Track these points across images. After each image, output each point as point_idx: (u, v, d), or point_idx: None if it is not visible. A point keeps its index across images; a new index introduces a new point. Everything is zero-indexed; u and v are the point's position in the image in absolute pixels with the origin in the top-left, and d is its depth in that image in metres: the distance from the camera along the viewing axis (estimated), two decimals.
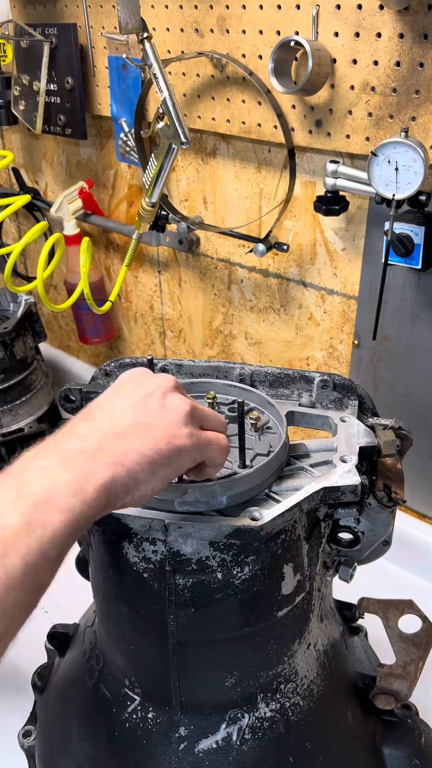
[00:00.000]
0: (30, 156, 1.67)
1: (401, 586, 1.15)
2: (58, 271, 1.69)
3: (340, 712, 0.72)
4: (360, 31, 0.90)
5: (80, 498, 0.45)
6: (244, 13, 1.02)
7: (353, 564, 0.72)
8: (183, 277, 1.42)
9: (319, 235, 1.13)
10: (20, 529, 0.42)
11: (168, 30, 1.14)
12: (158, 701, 0.67)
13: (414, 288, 1.03)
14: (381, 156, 0.87)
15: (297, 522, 0.61)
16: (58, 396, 0.77)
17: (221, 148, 1.21)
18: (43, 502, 0.44)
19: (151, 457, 0.50)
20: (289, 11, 0.97)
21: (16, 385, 1.45)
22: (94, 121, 1.42)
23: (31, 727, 0.84)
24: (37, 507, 0.44)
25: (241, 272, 1.29)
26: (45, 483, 0.45)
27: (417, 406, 1.11)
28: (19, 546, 0.42)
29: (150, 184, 1.08)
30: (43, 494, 0.44)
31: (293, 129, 1.04)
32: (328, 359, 1.23)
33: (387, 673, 0.70)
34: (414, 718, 0.76)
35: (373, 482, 0.67)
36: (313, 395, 0.74)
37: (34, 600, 0.44)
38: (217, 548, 0.58)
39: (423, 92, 0.88)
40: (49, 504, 0.44)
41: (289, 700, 0.68)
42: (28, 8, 1.40)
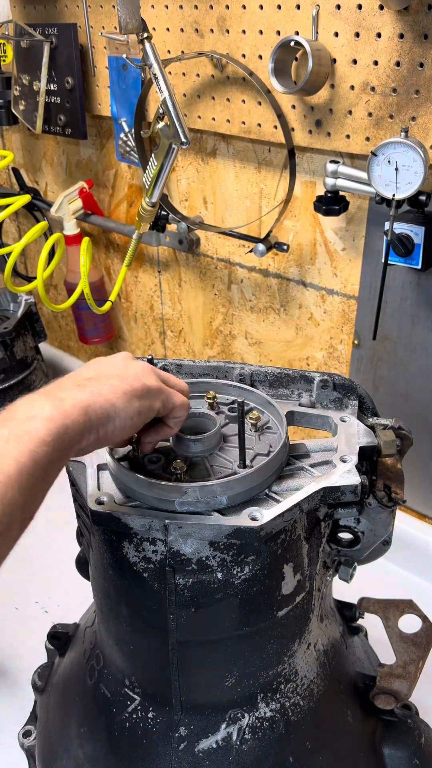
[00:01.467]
0: (30, 156, 1.67)
1: (401, 586, 1.15)
2: (58, 271, 1.69)
3: (340, 712, 0.72)
4: (360, 31, 0.90)
5: (60, 410, 0.50)
6: (244, 13, 1.02)
7: (353, 564, 0.72)
8: (183, 277, 1.42)
9: (319, 235, 1.13)
10: (11, 438, 0.47)
11: (168, 30, 1.14)
12: (158, 701, 0.67)
13: (414, 288, 1.03)
14: (381, 156, 0.87)
15: (297, 522, 0.62)
16: None
17: (221, 148, 1.21)
18: (28, 418, 0.49)
19: (126, 390, 0.56)
20: (289, 11, 0.97)
21: (16, 385, 1.45)
22: (94, 121, 1.42)
23: (31, 727, 0.84)
24: (22, 423, 0.49)
25: (241, 272, 1.29)
26: (29, 406, 0.51)
27: (417, 406, 1.11)
28: (11, 450, 0.47)
29: (150, 184, 1.08)
30: (27, 414, 0.50)
31: (293, 129, 1.04)
32: (328, 359, 1.23)
33: (387, 673, 0.70)
34: (414, 718, 0.76)
35: (373, 482, 0.67)
36: (313, 395, 0.74)
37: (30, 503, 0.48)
38: (217, 548, 0.58)
39: (423, 92, 0.88)
40: (33, 419, 0.49)
41: (289, 700, 0.68)
42: (28, 8, 1.40)
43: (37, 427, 0.48)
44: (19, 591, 1.16)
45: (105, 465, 0.66)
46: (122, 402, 0.56)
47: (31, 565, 1.22)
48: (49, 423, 0.49)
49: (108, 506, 0.60)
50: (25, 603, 1.14)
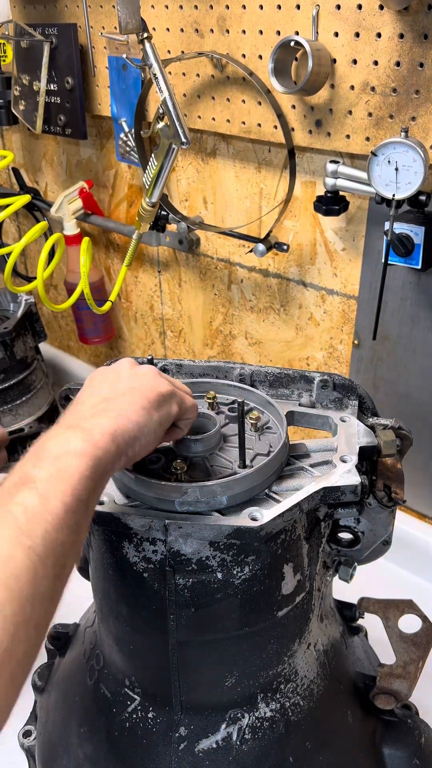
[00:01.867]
0: (30, 156, 1.67)
1: (401, 586, 1.15)
2: (58, 271, 1.69)
3: (340, 712, 0.72)
4: (360, 31, 0.90)
5: (91, 443, 0.50)
6: (244, 13, 1.02)
7: (353, 564, 0.72)
8: (183, 277, 1.42)
9: (319, 235, 1.13)
10: (50, 480, 0.47)
11: (168, 30, 1.14)
12: (158, 701, 0.67)
13: (414, 288, 1.03)
14: (381, 156, 0.87)
15: (297, 522, 0.62)
16: (58, 396, 0.77)
17: (221, 148, 1.21)
18: (62, 455, 0.49)
19: (145, 405, 0.57)
20: (289, 11, 0.97)
21: (16, 385, 1.45)
22: (94, 121, 1.42)
23: (31, 727, 0.84)
24: (57, 460, 0.49)
25: (241, 272, 1.29)
26: (58, 443, 0.51)
27: (417, 406, 1.11)
28: (55, 493, 0.46)
29: (150, 184, 1.08)
30: (60, 450, 0.50)
31: (293, 129, 1.04)
32: (328, 359, 1.23)
33: (387, 673, 0.70)
34: (414, 718, 0.76)
35: (373, 482, 0.67)
36: (313, 395, 0.74)
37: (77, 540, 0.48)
38: (217, 548, 0.58)
39: (423, 92, 0.88)
40: (68, 455, 0.49)
41: (289, 700, 0.68)
42: (28, 8, 1.40)
43: (75, 463, 0.49)
44: None
45: None
46: (144, 418, 0.56)
47: None
48: (84, 458, 0.49)
49: (108, 506, 0.60)
50: None
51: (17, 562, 0.42)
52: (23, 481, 0.47)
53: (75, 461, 0.49)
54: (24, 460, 0.50)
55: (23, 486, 0.47)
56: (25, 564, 0.42)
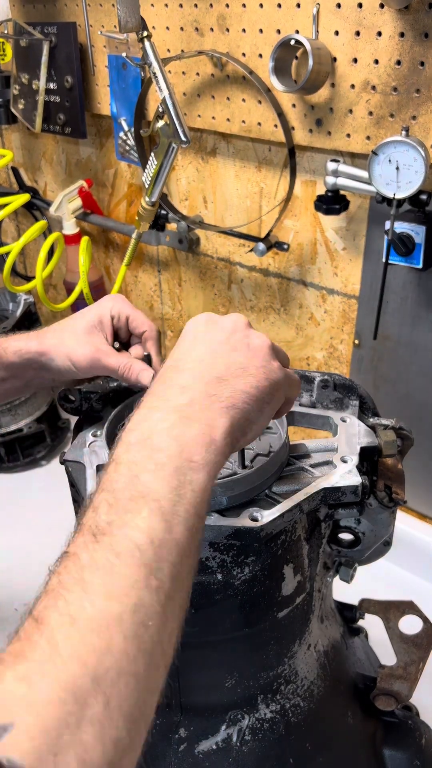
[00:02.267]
0: (29, 155, 1.66)
1: (402, 586, 1.14)
2: (57, 271, 1.68)
3: (341, 713, 0.72)
4: (360, 30, 0.90)
5: (212, 450, 0.46)
6: (244, 11, 1.02)
7: (354, 564, 0.72)
8: (183, 276, 1.41)
9: (319, 235, 1.13)
10: (172, 497, 0.42)
11: (168, 29, 1.14)
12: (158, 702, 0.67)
13: (415, 288, 1.03)
14: (382, 155, 0.87)
15: (297, 522, 0.61)
16: (58, 396, 0.77)
17: (221, 147, 1.20)
18: (182, 464, 0.44)
19: (257, 395, 0.51)
20: (289, 10, 0.96)
21: None
22: (94, 120, 1.41)
23: None
24: (178, 471, 0.43)
25: (241, 272, 1.29)
26: (176, 443, 0.45)
27: (418, 406, 1.11)
28: (179, 513, 0.42)
29: (150, 183, 1.07)
30: (179, 456, 0.44)
31: (293, 128, 1.04)
32: (329, 359, 1.23)
33: (387, 674, 0.70)
34: (414, 719, 0.75)
35: (374, 482, 0.67)
36: (314, 395, 0.74)
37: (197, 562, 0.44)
38: (217, 549, 0.58)
39: (424, 91, 0.87)
40: (190, 464, 0.44)
41: (289, 701, 0.68)
42: (28, 7, 1.39)
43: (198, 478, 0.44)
44: (18, 592, 1.16)
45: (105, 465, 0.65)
46: (255, 413, 0.51)
47: (30, 567, 1.22)
48: (206, 469, 0.45)
49: None
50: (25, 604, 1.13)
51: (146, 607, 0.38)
52: (141, 493, 0.42)
53: (198, 475, 0.44)
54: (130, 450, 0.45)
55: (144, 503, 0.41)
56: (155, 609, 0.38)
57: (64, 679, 0.33)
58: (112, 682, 0.34)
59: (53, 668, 0.34)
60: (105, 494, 0.43)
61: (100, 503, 0.42)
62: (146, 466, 0.43)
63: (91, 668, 0.34)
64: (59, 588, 0.38)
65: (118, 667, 0.35)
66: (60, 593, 0.37)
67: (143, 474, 0.43)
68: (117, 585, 0.38)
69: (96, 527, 0.41)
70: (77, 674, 0.34)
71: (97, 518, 0.41)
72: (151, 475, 0.43)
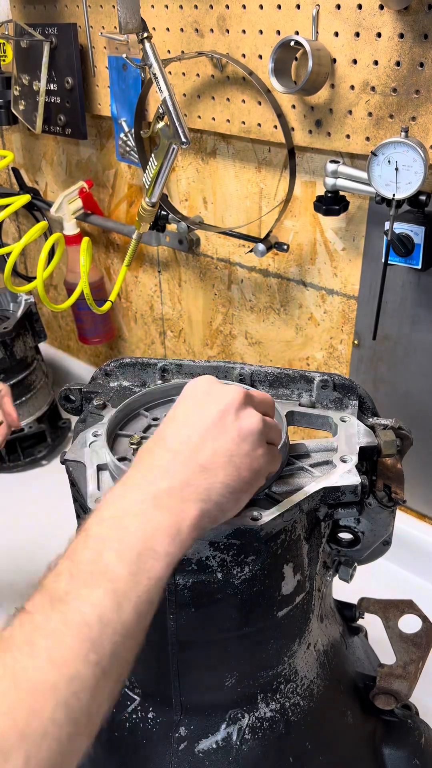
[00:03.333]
0: (30, 156, 1.67)
1: (401, 586, 1.14)
2: (58, 271, 1.69)
3: (340, 712, 0.72)
4: (360, 31, 0.90)
5: (177, 542, 0.48)
6: (244, 12, 1.02)
7: (353, 564, 0.72)
8: (183, 277, 1.42)
9: (319, 235, 1.13)
10: (129, 581, 0.44)
11: (168, 30, 1.14)
12: (158, 701, 0.67)
13: (414, 288, 1.03)
14: (381, 156, 0.87)
15: (297, 522, 0.61)
16: (58, 396, 0.77)
17: (221, 148, 1.21)
18: (145, 551, 0.46)
19: (235, 487, 0.52)
20: (289, 11, 0.97)
21: (16, 385, 1.45)
22: (94, 121, 1.42)
23: None
24: (140, 557, 0.46)
25: (241, 272, 1.29)
26: (144, 529, 0.47)
27: (417, 406, 1.11)
28: (131, 597, 0.44)
29: (150, 183, 1.07)
30: (144, 543, 0.46)
31: (293, 129, 1.04)
32: (328, 359, 1.23)
33: (387, 673, 0.70)
34: (414, 718, 0.76)
35: (373, 482, 0.67)
36: (313, 395, 0.74)
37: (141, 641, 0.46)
38: (217, 548, 0.58)
39: (423, 92, 0.87)
40: (152, 553, 0.46)
41: (289, 700, 0.68)
42: (28, 8, 1.40)
43: (157, 566, 0.46)
44: (18, 592, 1.16)
45: (105, 465, 0.66)
46: (231, 503, 0.52)
47: (30, 566, 1.22)
48: (166, 559, 0.47)
49: None
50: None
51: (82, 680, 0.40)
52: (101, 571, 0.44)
53: (157, 564, 0.46)
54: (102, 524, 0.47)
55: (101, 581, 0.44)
56: (90, 681, 0.41)
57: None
58: (35, 742, 0.38)
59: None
60: (69, 563, 0.46)
61: (62, 571, 0.45)
62: (112, 546, 0.46)
63: (20, 726, 0.37)
64: (10, 642, 0.41)
65: (44, 731, 0.38)
66: (10, 648, 0.41)
67: (107, 552, 0.46)
68: (60, 654, 0.41)
69: (54, 593, 0.44)
70: (5, 728, 0.37)
71: (57, 585, 0.44)
72: (114, 556, 0.45)
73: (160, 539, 0.47)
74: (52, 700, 0.39)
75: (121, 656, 0.43)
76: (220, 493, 0.51)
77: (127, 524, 0.47)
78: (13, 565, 1.23)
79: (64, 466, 0.68)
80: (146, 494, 0.49)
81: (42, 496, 1.40)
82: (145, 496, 0.49)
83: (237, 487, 0.52)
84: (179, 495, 0.50)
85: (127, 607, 0.44)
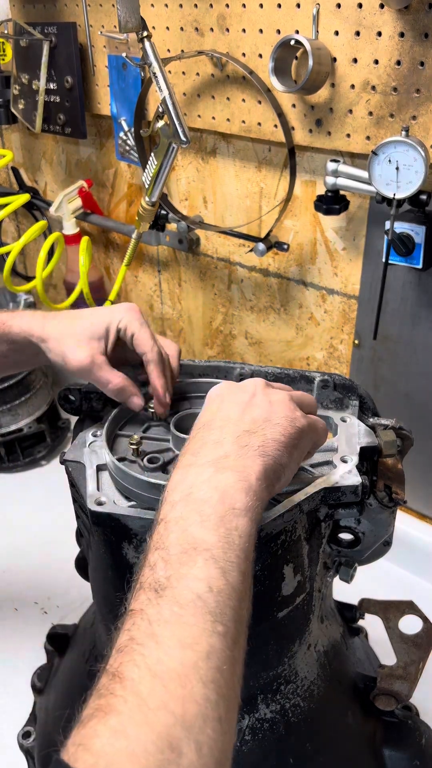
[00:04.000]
0: (29, 155, 1.66)
1: (402, 586, 1.14)
2: (57, 271, 1.68)
3: (341, 713, 0.72)
4: (360, 30, 0.90)
5: (251, 495, 0.48)
6: (244, 11, 1.02)
7: (354, 564, 0.72)
8: (183, 276, 1.41)
9: (319, 235, 1.13)
10: (222, 545, 0.44)
11: (168, 29, 1.14)
12: None
13: (415, 288, 1.03)
14: (382, 155, 0.87)
15: (297, 522, 0.61)
16: (58, 396, 0.77)
17: (221, 147, 1.20)
18: (226, 512, 0.46)
19: (285, 442, 0.53)
20: (289, 10, 0.96)
21: (16, 385, 1.45)
22: (94, 121, 1.41)
23: (30, 728, 0.84)
24: (223, 519, 0.46)
25: (241, 272, 1.29)
26: (216, 493, 0.47)
27: (418, 406, 1.11)
28: (231, 559, 0.44)
29: (150, 183, 1.07)
30: (222, 505, 0.46)
31: (293, 128, 1.04)
32: (329, 359, 1.23)
33: (387, 674, 0.70)
34: (414, 719, 0.75)
35: (374, 482, 0.67)
36: (314, 395, 0.74)
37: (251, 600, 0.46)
38: None
39: (424, 91, 0.87)
40: (233, 511, 0.46)
41: (289, 701, 0.68)
42: (28, 7, 1.39)
43: (243, 523, 0.46)
44: (18, 592, 1.16)
45: (104, 466, 0.66)
46: (286, 458, 0.53)
47: (30, 566, 1.22)
48: (249, 514, 0.47)
49: (107, 507, 0.60)
50: (25, 604, 1.14)
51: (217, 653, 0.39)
52: (192, 545, 0.44)
53: (242, 520, 0.46)
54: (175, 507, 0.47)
55: (196, 554, 0.43)
56: (225, 652, 0.40)
57: (158, 729, 0.35)
58: (200, 728, 0.36)
59: (144, 719, 0.35)
60: (159, 552, 0.45)
61: (155, 561, 0.44)
62: (193, 520, 0.46)
63: (179, 716, 0.36)
64: (132, 644, 0.40)
65: (204, 714, 0.37)
66: (134, 648, 0.39)
67: (191, 527, 0.45)
68: (187, 634, 0.40)
69: (156, 583, 0.43)
70: (168, 723, 0.36)
71: (156, 575, 0.43)
72: (199, 527, 0.45)
73: (236, 496, 0.47)
74: (199, 680, 0.38)
75: (242, 620, 0.43)
76: (274, 447, 0.52)
77: (198, 496, 0.47)
78: (12, 565, 1.23)
79: (64, 466, 0.67)
80: (206, 465, 0.50)
81: (41, 496, 1.39)
82: (206, 467, 0.50)
83: (286, 441, 0.53)
84: (237, 455, 0.50)
85: (231, 570, 0.43)
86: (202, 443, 0.53)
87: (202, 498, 0.47)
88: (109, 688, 0.38)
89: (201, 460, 0.50)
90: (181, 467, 0.51)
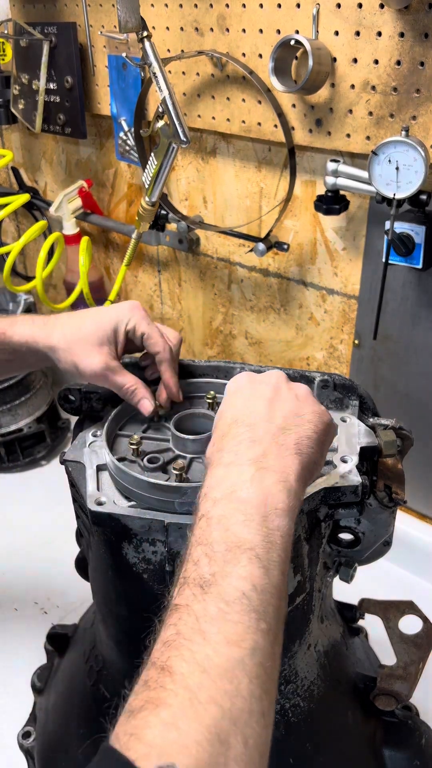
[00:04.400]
0: (29, 155, 1.66)
1: (402, 586, 1.14)
2: (57, 271, 1.68)
3: (341, 714, 0.72)
4: (360, 30, 0.90)
5: (292, 495, 0.49)
6: (244, 11, 1.02)
7: (354, 564, 0.72)
8: (183, 276, 1.41)
9: (319, 235, 1.13)
10: (265, 545, 0.45)
11: (168, 29, 1.14)
12: None
13: (415, 288, 1.03)
14: (381, 155, 0.87)
15: (297, 523, 0.61)
16: (58, 396, 0.77)
17: (221, 147, 1.20)
18: (268, 512, 0.47)
19: (317, 438, 0.54)
20: (289, 10, 0.96)
21: (16, 385, 1.45)
22: (94, 120, 1.41)
23: (30, 728, 0.84)
24: (265, 519, 0.47)
25: (241, 272, 1.29)
26: (259, 493, 0.48)
27: (418, 406, 1.11)
28: (273, 559, 0.45)
29: (150, 183, 1.07)
30: (264, 505, 0.48)
31: (293, 128, 1.04)
32: (329, 359, 1.23)
33: (387, 674, 0.70)
34: (414, 719, 0.75)
35: (374, 482, 0.67)
36: (314, 395, 0.74)
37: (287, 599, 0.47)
38: None
39: (423, 91, 0.87)
40: (275, 512, 0.47)
41: (289, 701, 0.68)
42: (28, 7, 1.39)
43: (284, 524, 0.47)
44: (18, 592, 1.16)
45: (104, 466, 0.66)
46: (318, 455, 0.54)
47: (30, 566, 1.22)
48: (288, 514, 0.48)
49: (107, 507, 0.60)
50: (25, 604, 1.14)
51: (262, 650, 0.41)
52: (236, 543, 0.45)
53: (284, 521, 0.47)
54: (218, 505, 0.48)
55: (240, 553, 0.44)
56: (268, 649, 0.41)
57: (207, 722, 0.37)
58: (246, 722, 0.38)
59: (194, 713, 0.37)
60: (202, 548, 0.46)
61: (199, 557, 0.45)
62: (236, 519, 0.47)
63: (227, 710, 0.38)
64: (179, 638, 0.41)
65: (249, 708, 0.39)
66: (181, 643, 0.41)
67: (234, 526, 0.46)
68: (234, 632, 0.41)
69: (201, 579, 0.44)
70: (217, 717, 0.37)
71: (200, 571, 0.45)
72: (242, 526, 0.46)
73: (277, 497, 0.48)
74: (245, 676, 0.39)
75: (281, 617, 0.44)
76: (308, 445, 0.53)
77: (241, 495, 0.48)
78: (12, 565, 1.23)
79: (64, 466, 0.67)
80: (246, 464, 0.50)
81: (41, 496, 1.39)
82: (246, 466, 0.50)
83: (318, 438, 0.54)
84: (276, 454, 0.51)
85: (273, 569, 0.44)
86: (238, 441, 0.53)
87: (245, 498, 0.48)
88: (158, 681, 0.39)
89: (241, 459, 0.51)
90: (221, 465, 0.52)
